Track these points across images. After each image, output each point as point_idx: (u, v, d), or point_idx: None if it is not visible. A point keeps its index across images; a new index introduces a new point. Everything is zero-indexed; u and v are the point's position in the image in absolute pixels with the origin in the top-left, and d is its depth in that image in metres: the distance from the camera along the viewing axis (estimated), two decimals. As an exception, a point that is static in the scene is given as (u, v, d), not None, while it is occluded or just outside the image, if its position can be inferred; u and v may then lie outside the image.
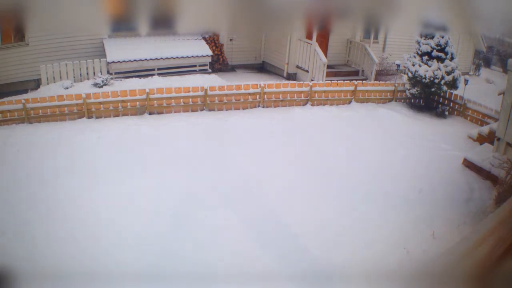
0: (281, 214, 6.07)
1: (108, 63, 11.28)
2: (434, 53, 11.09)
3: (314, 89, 10.83)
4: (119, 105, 9.31)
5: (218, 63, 13.58)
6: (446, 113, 11.50)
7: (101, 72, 11.26)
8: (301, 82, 11.50)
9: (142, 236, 5.39)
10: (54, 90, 10.21)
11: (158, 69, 11.93)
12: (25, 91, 10.74)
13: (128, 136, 8.31)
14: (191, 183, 6.70)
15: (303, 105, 10.80)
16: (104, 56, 11.42)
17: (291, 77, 13.42)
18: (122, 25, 11.72)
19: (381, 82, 12.06)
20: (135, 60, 11.57)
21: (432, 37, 11.08)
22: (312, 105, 10.86)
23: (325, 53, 13.31)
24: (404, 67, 11.95)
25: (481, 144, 8.71)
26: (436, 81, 11.07)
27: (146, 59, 11.71)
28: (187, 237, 5.43)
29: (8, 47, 10.91)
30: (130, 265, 4.88)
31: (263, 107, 10.47)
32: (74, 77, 11.04)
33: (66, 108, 8.96)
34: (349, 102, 11.33)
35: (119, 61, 11.34)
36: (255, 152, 7.90)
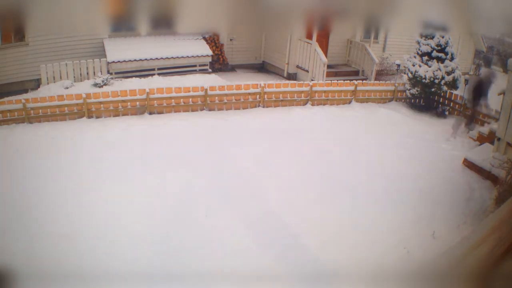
0: (281, 214, 6.07)
1: (108, 63, 11.28)
2: (434, 53, 11.09)
3: (314, 89, 10.83)
4: (119, 105, 9.31)
5: (218, 63, 13.58)
6: (446, 113, 11.50)
7: (101, 72, 11.26)
8: (301, 82, 11.49)
9: (142, 236, 5.39)
10: (54, 90, 10.21)
11: (158, 69, 11.93)
12: (25, 91, 10.74)
13: (128, 136, 8.32)
14: (191, 183, 6.70)
15: (303, 105, 10.80)
16: (104, 56, 11.42)
17: (291, 77, 13.42)
18: (122, 25, 11.74)
19: (381, 82, 12.06)
20: (135, 60, 11.57)
21: (432, 37, 11.07)
22: (312, 105, 10.86)
23: (325, 53, 13.30)
24: (404, 67, 11.94)
25: (481, 144, 8.71)
26: (436, 81, 11.07)
27: (146, 59, 11.71)
28: (187, 237, 5.43)
29: (8, 47, 10.90)
30: (130, 265, 4.89)
31: (263, 107, 10.47)
32: (74, 77, 11.04)
33: (66, 108, 8.97)
34: (349, 102, 11.33)
35: (119, 61, 11.34)
36: (255, 152, 7.89)
